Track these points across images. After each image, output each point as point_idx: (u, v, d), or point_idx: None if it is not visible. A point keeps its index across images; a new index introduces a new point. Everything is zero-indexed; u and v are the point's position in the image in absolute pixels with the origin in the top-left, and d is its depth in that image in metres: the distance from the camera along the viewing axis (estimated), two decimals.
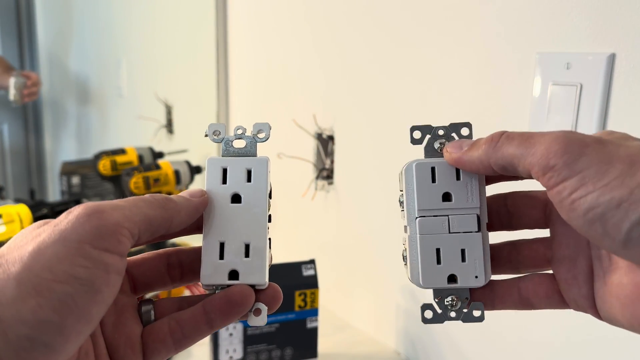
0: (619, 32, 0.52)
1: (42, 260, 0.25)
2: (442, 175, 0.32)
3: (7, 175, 2.06)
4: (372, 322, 0.88)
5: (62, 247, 0.25)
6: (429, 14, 0.71)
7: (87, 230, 0.25)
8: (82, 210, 0.26)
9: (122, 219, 0.27)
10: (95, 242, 0.25)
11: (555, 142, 0.27)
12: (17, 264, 0.25)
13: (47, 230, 0.26)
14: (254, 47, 1.11)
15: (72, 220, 0.26)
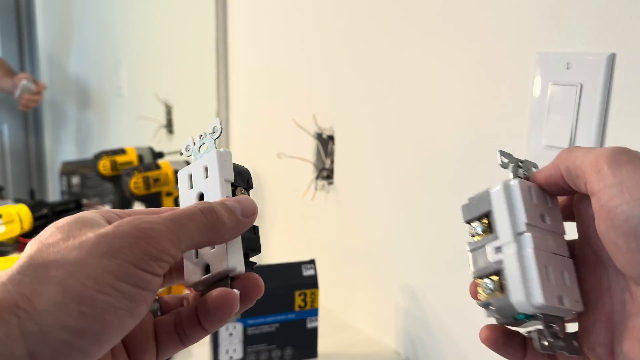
0: (619, 32, 0.52)
1: (88, 270, 0.25)
2: (536, 196, 0.32)
3: (7, 175, 2.07)
4: (372, 322, 0.88)
5: (108, 262, 0.25)
6: (429, 14, 0.71)
7: (135, 253, 0.26)
8: (131, 230, 0.26)
9: (170, 246, 0.27)
10: (140, 265, 0.26)
11: (607, 150, 0.27)
12: (60, 269, 0.25)
13: (92, 239, 0.26)
14: (254, 47, 1.11)
15: (120, 237, 0.26)
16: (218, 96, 1.21)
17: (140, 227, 0.27)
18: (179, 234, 0.28)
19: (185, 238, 0.28)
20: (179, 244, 0.28)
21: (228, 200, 0.31)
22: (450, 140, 0.70)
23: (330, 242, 0.95)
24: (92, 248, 0.26)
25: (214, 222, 0.29)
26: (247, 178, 0.34)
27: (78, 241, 0.26)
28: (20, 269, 0.25)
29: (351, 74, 0.86)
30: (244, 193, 0.33)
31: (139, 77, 1.66)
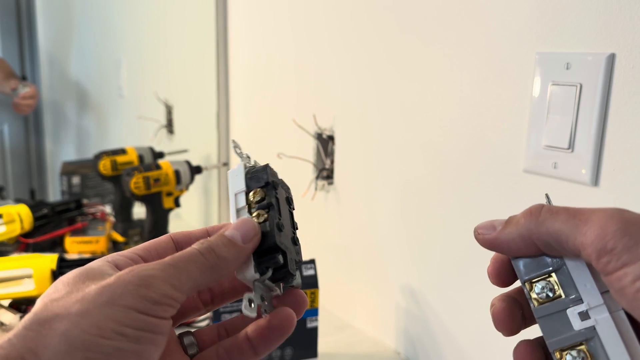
0: (619, 32, 0.52)
1: (90, 320, 0.25)
2: None
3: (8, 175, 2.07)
4: (372, 322, 0.88)
5: (110, 310, 0.26)
6: (429, 14, 0.71)
7: (136, 299, 0.26)
8: (131, 278, 0.27)
9: (171, 290, 0.28)
10: (143, 309, 0.26)
11: (611, 222, 0.25)
12: (63, 321, 0.25)
13: (94, 290, 0.27)
14: (254, 47, 1.11)
15: (121, 285, 0.27)
16: (218, 96, 1.21)
17: (140, 274, 0.27)
18: (179, 277, 0.28)
19: (187, 280, 0.28)
20: (181, 287, 0.28)
21: (228, 229, 0.31)
22: (450, 140, 0.71)
23: (330, 242, 0.95)
24: (94, 298, 0.26)
25: (213, 260, 0.30)
26: (262, 177, 0.34)
27: (81, 294, 0.27)
28: (26, 325, 0.26)
29: (351, 74, 0.86)
30: (258, 193, 0.33)
31: (140, 77, 1.66)
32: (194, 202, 1.39)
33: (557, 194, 0.59)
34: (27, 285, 0.86)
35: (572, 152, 0.56)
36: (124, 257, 0.31)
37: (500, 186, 0.65)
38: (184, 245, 0.34)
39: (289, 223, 0.34)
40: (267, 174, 0.34)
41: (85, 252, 1.12)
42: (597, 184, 0.55)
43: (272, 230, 0.32)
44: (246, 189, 0.34)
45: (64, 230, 1.15)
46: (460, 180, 0.70)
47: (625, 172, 0.53)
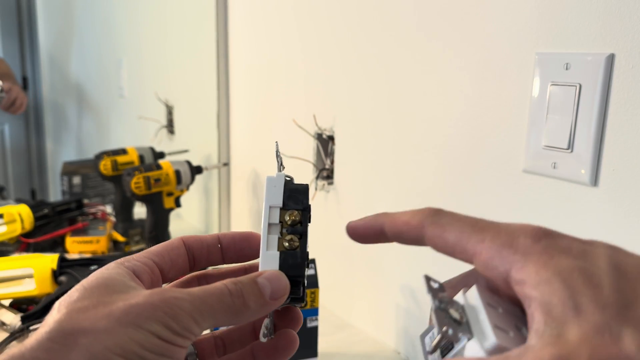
0: (618, 33, 0.52)
1: (115, 339, 0.26)
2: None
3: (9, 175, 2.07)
4: (372, 321, 0.88)
5: (135, 332, 0.26)
6: (429, 14, 0.71)
7: (161, 327, 0.27)
8: (159, 303, 0.27)
9: (193, 325, 0.28)
10: (165, 337, 0.27)
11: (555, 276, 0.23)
12: (89, 336, 0.26)
13: (121, 308, 0.27)
14: (254, 47, 1.11)
15: (149, 309, 0.27)
16: (218, 96, 1.21)
17: (168, 302, 0.27)
18: (203, 313, 0.28)
19: (209, 318, 0.28)
20: (202, 323, 0.28)
21: (261, 277, 0.31)
22: (450, 140, 0.71)
23: (330, 242, 0.95)
24: (120, 317, 0.26)
25: (239, 306, 0.29)
26: (301, 199, 0.33)
27: (108, 310, 0.27)
28: (49, 335, 0.26)
29: (351, 74, 0.86)
30: (295, 216, 0.33)
31: (140, 77, 1.66)
32: (195, 202, 1.40)
33: (557, 194, 0.59)
34: (27, 285, 0.86)
35: (572, 152, 0.56)
36: (141, 264, 0.31)
37: (499, 186, 0.65)
38: (196, 251, 0.34)
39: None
40: (307, 197, 0.33)
41: (86, 252, 1.12)
42: (596, 184, 0.55)
43: (302, 263, 0.31)
44: (282, 206, 0.33)
45: (64, 230, 1.15)
46: (460, 180, 0.70)
47: (624, 172, 0.53)
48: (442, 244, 0.28)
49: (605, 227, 0.55)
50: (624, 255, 0.24)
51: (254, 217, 1.18)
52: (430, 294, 0.27)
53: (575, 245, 0.24)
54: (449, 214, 0.28)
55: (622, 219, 0.54)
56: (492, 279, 0.26)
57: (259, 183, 1.15)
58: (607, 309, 0.21)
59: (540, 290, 0.23)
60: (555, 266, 0.23)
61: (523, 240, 0.25)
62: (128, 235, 1.22)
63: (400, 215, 0.30)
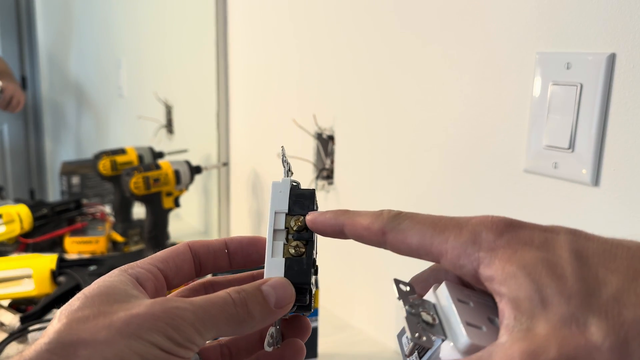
0: (619, 32, 0.52)
1: (115, 350, 0.25)
2: None
3: (7, 175, 2.07)
4: (372, 322, 0.88)
5: (135, 343, 0.26)
6: (429, 14, 0.71)
7: (162, 338, 0.26)
8: (161, 314, 0.27)
9: (195, 336, 0.27)
10: (167, 349, 0.26)
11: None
12: (88, 348, 0.25)
13: (122, 318, 0.26)
14: (254, 47, 1.11)
15: (150, 319, 0.27)
16: (218, 96, 1.21)
17: (170, 312, 0.27)
18: (205, 323, 0.28)
19: (211, 328, 0.28)
20: (204, 333, 0.28)
21: (266, 285, 0.30)
22: (450, 139, 0.70)
23: (330, 242, 0.94)
24: (121, 328, 0.26)
25: (243, 316, 0.29)
26: (307, 204, 0.32)
27: (108, 320, 0.26)
28: (48, 347, 0.26)
29: (351, 74, 0.86)
30: (301, 222, 0.32)
31: (139, 77, 1.66)
32: (194, 202, 1.39)
33: (558, 194, 0.59)
34: (26, 285, 0.86)
35: (573, 152, 0.56)
36: (144, 271, 0.31)
37: (500, 186, 0.65)
38: (202, 257, 0.34)
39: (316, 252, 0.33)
40: (314, 203, 0.33)
41: (85, 252, 1.12)
42: (597, 184, 0.55)
43: (308, 269, 0.31)
44: (288, 211, 0.32)
45: (63, 231, 1.15)
46: (461, 179, 0.70)
47: (625, 172, 0.53)
48: (405, 249, 0.27)
49: (606, 227, 0.55)
50: (585, 240, 0.24)
51: (253, 217, 1.18)
52: (401, 300, 0.27)
53: (536, 235, 0.25)
54: (408, 216, 0.28)
55: (623, 218, 0.53)
56: (461, 276, 0.26)
57: (259, 183, 1.14)
58: (572, 299, 0.22)
59: (507, 286, 0.23)
60: (519, 260, 0.23)
61: (485, 235, 0.25)
62: (127, 236, 1.22)
63: (360, 219, 0.29)
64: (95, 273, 0.88)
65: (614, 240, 0.24)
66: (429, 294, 0.28)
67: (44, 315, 0.82)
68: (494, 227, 0.25)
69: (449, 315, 0.26)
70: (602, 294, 0.22)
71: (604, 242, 0.24)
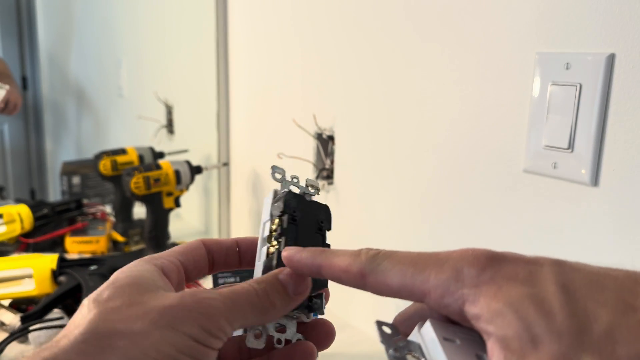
0: (619, 32, 0.52)
1: (151, 341, 0.26)
2: None
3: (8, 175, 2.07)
4: (372, 322, 0.88)
5: (170, 334, 0.26)
6: (428, 14, 0.71)
7: (196, 328, 0.27)
8: (194, 305, 0.27)
9: (226, 325, 0.28)
10: (200, 339, 0.27)
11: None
12: (124, 339, 0.25)
13: (156, 309, 0.27)
14: (254, 47, 1.11)
15: (184, 311, 0.27)
16: (218, 96, 1.21)
17: (202, 303, 0.28)
18: (235, 313, 0.28)
19: (240, 318, 0.29)
20: (234, 323, 0.28)
21: (282, 274, 0.31)
22: (450, 139, 0.71)
23: (330, 242, 0.95)
24: (155, 319, 0.26)
25: (265, 304, 0.30)
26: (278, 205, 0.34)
27: (142, 310, 0.27)
28: (83, 338, 0.26)
29: (351, 74, 0.86)
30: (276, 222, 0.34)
31: (140, 77, 1.66)
32: (194, 202, 1.39)
33: (557, 194, 0.59)
34: (27, 285, 0.86)
35: (572, 152, 0.56)
36: (169, 263, 0.31)
37: (499, 186, 0.65)
38: (215, 253, 0.35)
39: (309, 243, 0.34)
40: (284, 202, 0.34)
41: (86, 252, 1.12)
42: (596, 184, 0.55)
43: (278, 262, 0.32)
44: (269, 218, 0.34)
45: (64, 230, 1.15)
46: (460, 179, 0.70)
47: (625, 172, 0.53)
48: (387, 291, 0.27)
49: (605, 227, 0.55)
50: (570, 270, 0.23)
51: (253, 217, 1.18)
52: (384, 344, 0.27)
53: (520, 269, 0.24)
54: (387, 256, 0.27)
55: (622, 219, 0.54)
56: (446, 315, 0.26)
57: (259, 183, 1.14)
58: (563, 337, 0.21)
59: (495, 324, 0.22)
60: (505, 297, 0.23)
61: (467, 271, 0.24)
62: (128, 235, 1.22)
63: (339, 260, 0.29)
64: (95, 273, 0.88)
65: (601, 270, 0.24)
66: (413, 333, 0.27)
67: (45, 315, 0.82)
68: (476, 262, 0.24)
69: (435, 356, 0.25)
70: (594, 331, 0.21)
71: (590, 272, 0.23)
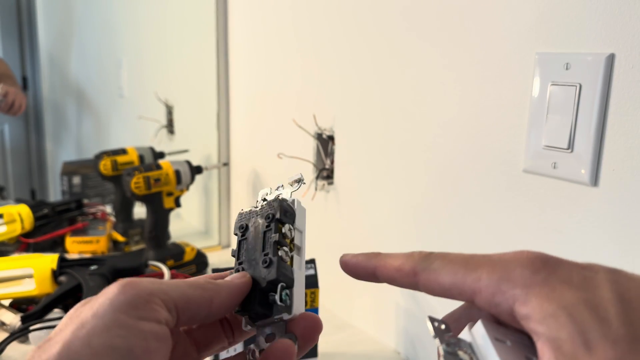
0: (618, 32, 0.52)
1: (81, 336, 0.25)
2: None
3: (8, 175, 2.07)
4: (372, 322, 0.88)
5: (99, 320, 0.25)
6: (428, 14, 0.71)
7: (122, 301, 0.26)
8: (117, 284, 0.27)
9: (156, 290, 0.27)
10: (129, 311, 0.26)
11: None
12: (58, 344, 0.25)
13: (86, 307, 0.27)
14: (254, 47, 1.11)
15: (108, 293, 0.27)
16: (218, 96, 1.21)
17: (125, 279, 0.28)
18: (167, 284, 0.29)
19: (174, 287, 0.29)
20: (168, 290, 0.28)
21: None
22: (450, 139, 0.71)
23: (330, 242, 0.95)
24: (85, 315, 0.26)
25: (203, 281, 0.31)
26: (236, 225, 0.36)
27: (78, 314, 0.27)
28: None
29: (351, 74, 0.86)
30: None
31: (140, 77, 1.66)
32: (195, 202, 1.39)
33: (557, 194, 0.59)
34: (27, 285, 0.86)
35: (572, 152, 0.56)
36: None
37: (499, 186, 0.65)
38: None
39: (259, 247, 0.34)
40: (236, 222, 0.36)
41: (86, 252, 1.12)
42: (596, 184, 0.55)
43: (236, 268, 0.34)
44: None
45: (64, 230, 1.15)
46: (460, 179, 0.70)
47: (625, 172, 0.53)
48: (438, 289, 0.27)
49: (605, 228, 0.55)
50: (626, 280, 0.23)
51: None
52: (437, 338, 0.26)
53: (575, 274, 0.24)
54: (439, 256, 0.28)
55: (622, 219, 0.54)
56: (496, 314, 0.25)
57: (259, 183, 1.14)
58: (618, 344, 0.21)
59: (547, 325, 0.22)
60: (559, 299, 0.22)
61: (520, 272, 0.24)
62: (128, 235, 1.22)
63: (392, 261, 0.30)
64: (96, 273, 0.88)
65: None
66: (464, 332, 0.27)
67: (45, 315, 0.82)
68: (530, 264, 0.24)
69: (486, 355, 0.25)
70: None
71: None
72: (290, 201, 0.35)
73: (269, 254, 0.33)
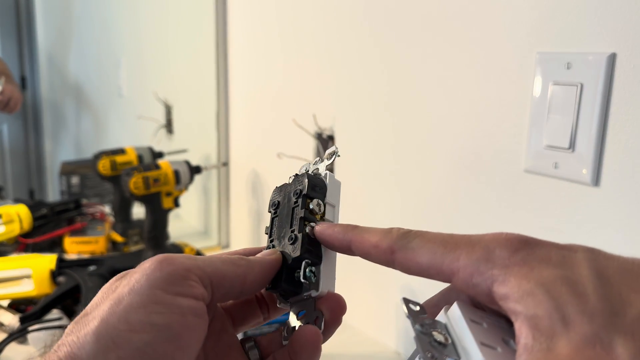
0: (620, 32, 0.52)
1: (118, 312, 0.25)
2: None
3: (7, 175, 2.06)
4: (372, 322, 0.88)
5: (137, 297, 0.25)
6: (429, 14, 0.71)
7: (158, 277, 0.26)
8: (153, 260, 0.27)
9: (192, 266, 0.27)
10: (167, 288, 0.26)
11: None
12: (95, 319, 0.25)
13: (123, 283, 0.27)
14: (254, 47, 1.11)
15: (145, 269, 0.27)
16: (218, 96, 1.21)
17: (161, 255, 0.28)
18: (202, 259, 0.29)
19: (209, 263, 0.29)
20: (204, 266, 0.28)
21: None
22: (451, 139, 0.70)
23: None
24: (121, 291, 0.27)
25: (236, 257, 0.31)
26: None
27: (114, 289, 0.28)
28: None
29: (351, 74, 0.85)
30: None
31: (139, 77, 1.66)
32: (194, 202, 1.39)
33: (558, 194, 0.59)
34: (26, 285, 0.86)
35: (573, 152, 0.56)
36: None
37: (500, 186, 0.65)
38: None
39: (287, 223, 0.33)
40: (270, 199, 0.35)
41: (85, 252, 1.12)
42: (597, 184, 0.55)
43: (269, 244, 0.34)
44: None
45: (63, 231, 1.15)
46: (461, 179, 0.70)
47: (626, 172, 0.53)
48: (415, 268, 0.27)
49: (606, 227, 0.55)
50: (604, 259, 0.23)
51: (253, 217, 1.18)
52: (410, 318, 0.26)
53: (554, 253, 0.24)
54: (418, 234, 0.27)
55: (623, 218, 0.53)
56: (474, 296, 0.25)
57: (259, 183, 1.14)
58: (595, 318, 0.21)
59: (524, 304, 0.22)
60: (537, 277, 0.22)
61: (499, 252, 0.24)
62: (127, 236, 1.22)
63: (369, 236, 0.29)
64: (94, 273, 0.88)
65: (635, 260, 0.23)
66: (440, 315, 0.27)
67: (44, 316, 0.81)
68: (509, 244, 0.24)
69: (462, 336, 0.25)
70: (627, 314, 0.21)
71: (624, 261, 0.23)
72: (323, 175, 0.35)
73: (295, 230, 0.32)
